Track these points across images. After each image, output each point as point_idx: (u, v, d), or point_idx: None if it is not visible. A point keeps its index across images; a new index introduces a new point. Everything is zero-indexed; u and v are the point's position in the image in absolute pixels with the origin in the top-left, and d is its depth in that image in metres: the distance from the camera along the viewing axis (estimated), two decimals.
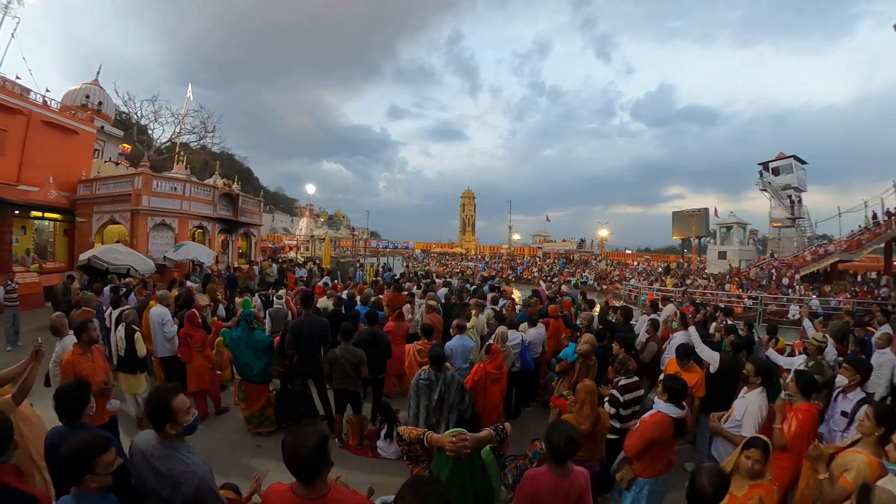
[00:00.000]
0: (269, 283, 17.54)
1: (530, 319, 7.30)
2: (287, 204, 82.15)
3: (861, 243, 26.88)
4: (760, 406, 3.95)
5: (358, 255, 37.48)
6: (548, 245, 57.55)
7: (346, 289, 11.62)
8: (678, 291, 24.50)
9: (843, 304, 20.82)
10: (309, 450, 2.15)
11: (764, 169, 37.35)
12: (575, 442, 2.81)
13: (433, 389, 4.62)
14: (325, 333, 6.31)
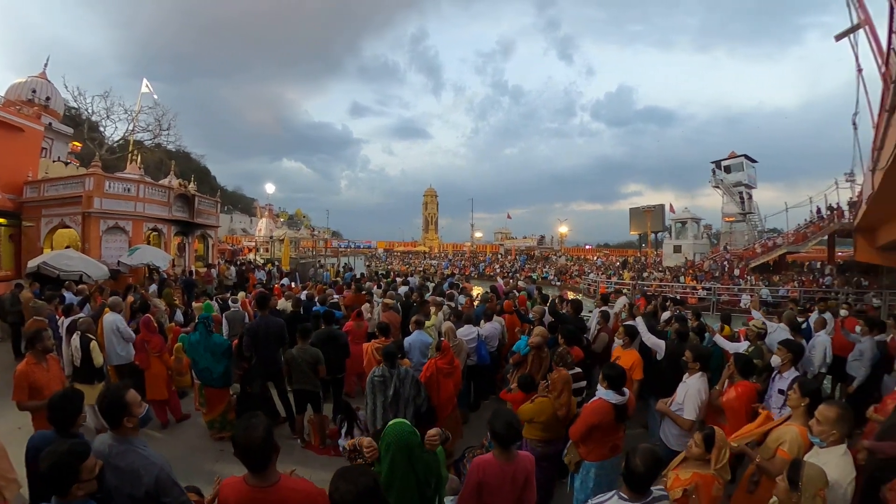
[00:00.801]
0: (227, 287, 17.12)
1: (486, 315, 7.50)
2: (246, 204, 79.98)
3: (807, 236, 28.72)
4: (700, 389, 4.17)
5: (319, 256, 37.14)
6: (509, 242, 58.26)
7: (305, 290, 11.61)
8: (634, 284, 25.56)
9: (790, 292, 22.30)
10: (259, 439, 2.28)
11: (717, 167, 39.32)
12: (514, 428, 3.02)
13: (388, 386, 4.73)
14: (282, 334, 6.34)
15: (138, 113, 31.52)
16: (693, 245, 38.33)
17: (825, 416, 2.86)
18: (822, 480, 2.39)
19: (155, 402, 6.32)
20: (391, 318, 7.58)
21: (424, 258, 54.58)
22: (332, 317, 6.81)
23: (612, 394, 3.89)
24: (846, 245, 27.36)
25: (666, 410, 4.35)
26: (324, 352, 5.91)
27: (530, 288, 12.45)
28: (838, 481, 2.62)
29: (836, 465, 2.70)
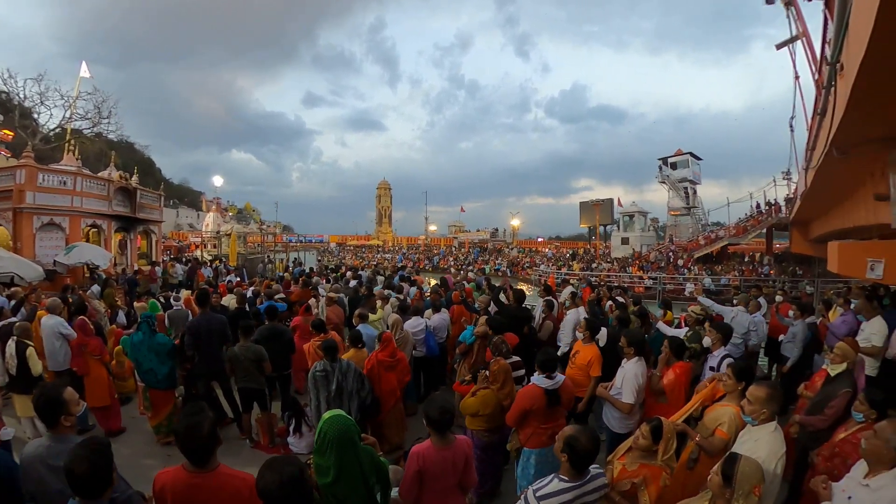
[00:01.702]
0: (172, 286, 16.40)
1: (434, 306, 7.56)
2: (193, 197, 77.22)
3: (747, 229, 30.82)
4: (636, 374, 4.26)
5: (269, 251, 36.19)
6: (463, 235, 58.73)
7: (252, 286, 11.30)
8: (583, 275, 26.52)
9: (731, 281, 24.07)
10: (204, 434, 2.33)
11: (663, 164, 41.34)
12: (448, 412, 3.05)
13: (330, 380, 4.70)
14: (224, 331, 6.17)
15: (76, 99, 28.50)
16: (640, 237, 39.96)
17: (755, 396, 2.97)
18: (757, 477, 2.34)
19: (97, 409, 6.02)
20: (335, 313, 7.51)
21: (378, 252, 54.03)
22: (276, 312, 6.68)
23: (543, 378, 3.99)
24: (783, 237, 28.97)
25: (605, 395, 4.46)
26: (268, 349, 5.77)
27: (479, 279, 12.69)
28: (769, 457, 2.74)
29: (767, 442, 2.83)
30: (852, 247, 6.55)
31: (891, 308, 6.97)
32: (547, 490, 2.55)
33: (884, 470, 2.47)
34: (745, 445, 2.91)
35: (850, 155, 5.50)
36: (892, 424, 2.55)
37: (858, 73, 3.19)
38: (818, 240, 17.46)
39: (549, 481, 2.60)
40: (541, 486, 2.60)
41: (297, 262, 23.48)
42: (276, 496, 2.04)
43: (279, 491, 2.03)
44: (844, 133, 4.88)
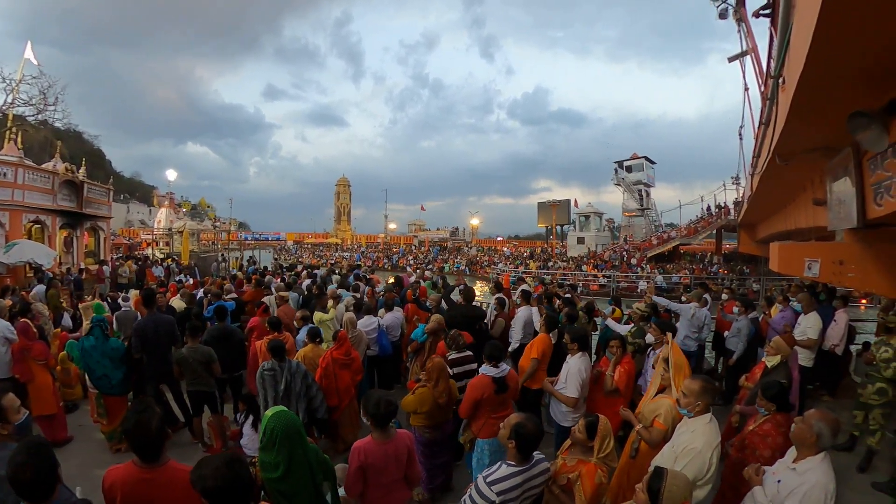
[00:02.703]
0: (122, 285, 15.75)
1: (387, 305, 7.54)
2: (145, 192, 73.75)
3: (697, 230, 32.48)
4: (580, 368, 4.39)
5: (224, 249, 35.11)
6: (423, 234, 58.73)
7: (204, 286, 10.97)
8: (538, 273, 27.50)
9: (682, 279, 25.09)
10: (154, 430, 2.36)
11: (619, 167, 42.92)
12: (387, 406, 3.07)
13: (278, 380, 4.67)
14: (172, 332, 5.99)
15: (19, 82, 26.69)
16: (596, 237, 41.11)
17: (690, 389, 3.07)
18: (685, 493, 2.28)
19: (42, 418, 5.67)
20: (286, 313, 7.39)
21: (336, 250, 53.39)
22: (225, 312, 6.52)
23: (490, 367, 4.19)
24: (732, 238, 30.52)
25: (550, 389, 4.59)
26: (218, 350, 5.61)
27: (436, 278, 12.75)
28: (705, 447, 2.85)
29: (703, 433, 2.93)
30: (791, 248, 6.91)
31: (826, 304, 7.41)
32: (497, 475, 2.66)
33: (810, 455, 2.63)
34: (683, 437, 3.02)
35: (791, 162, 5.80)
36: (818, 412, 2.72)
37: (797, 86, 3.37)
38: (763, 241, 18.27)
39: (498, 468, 2.72)
40: (490, 472, 2.70)
41: (251, 261, 22.91)
42: (212, 492, 2.00)
43: (215, 487, 1.99)
44: (786, 142, 5.15)
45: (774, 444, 3.43)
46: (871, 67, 3.01)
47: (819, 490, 2.49)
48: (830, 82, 3.28)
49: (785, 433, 3.40)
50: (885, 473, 4.96)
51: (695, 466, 2.81)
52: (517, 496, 2.67)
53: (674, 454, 2.93)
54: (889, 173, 3.79)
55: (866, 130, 3.21)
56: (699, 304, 7.12)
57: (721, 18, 14.46)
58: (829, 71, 3.07)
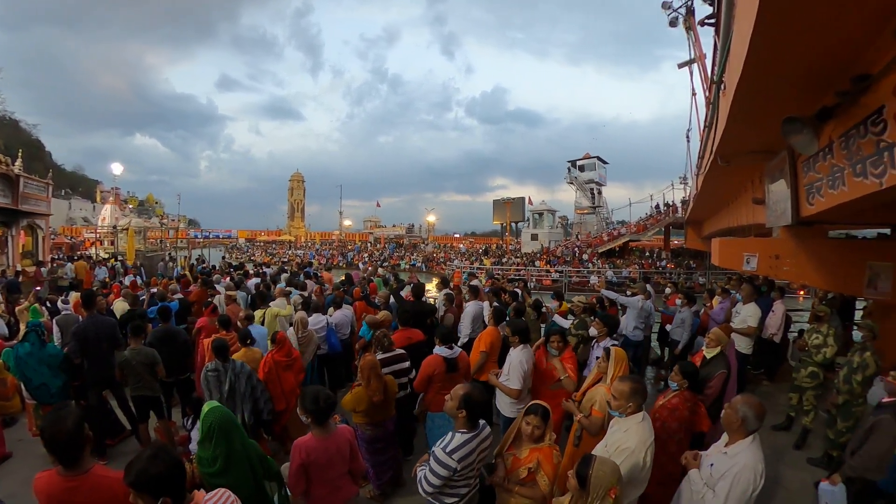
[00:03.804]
0: (62, 288, 14.85)
1: (335, 302, 7.47)
2: (88, 187, 69.98)
3: (647, 227, 33.75)
4: (521, 361, 4.44)
5: (173, 247, 33.93)
6: (379, 230, 58.35)
7: (149, 286, 10.60)
8: (492, 269, 27.96)
9: (631, 273, 26.03)
10: (68, 430, 2.26)
11: (572, 166, 44.11)
12: (325, 398, 3.08)
13: (222, 381, 4.60)
14: (114, 335, 5.68)
15: None
16: (549, 234, 41.99)
17: (620, 391, 3.10)
18: (613, 479, 2.35)
19: None
20: (234, 312, 7.21)
21: (290, 248, 52.33)
22: (169, 313, 6.29)
23: (444, 349, 4.65)
24: (679, 235, 31.55)
25: (495, 382, 4.64)
26: (162, 352, 5.43)
27: (387, 275, 12.79)
28: (639, 446, 2.91)
29: (635, 432, 2.98)
30: (731, 243, 7.29)
31: (766, 295, 7.87)
32: (454, 444, 2.83)
33: (740, 438, 2.76)
34: (616, 435, 3.08)
35: (732, 163, 6.11)
36: (743, 398, 2.85)
37: (736, 91, 3.54)
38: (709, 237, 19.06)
39: (452, 437, 2.88)
40: (446, 443, 2.86)
41: (199, 260, 22.17)
42: (144, 483, 1.98)
43: (146, 478, 1.99)
44: (727, 144, 5.42)
45: (681, 417, 3.73)
46: (805, 76, 3.19)
47: (748, 471, 2.61)
48: (767, 88, 3.46)
49: (691, 408, 3.80)
50: (819, 449, 5.34)
51: (628, 465, 2.86)
52: (473, 460, 2.88)
53: (607, 453, 2.94)
54: (820, 175, 4.06)
55: (799, 135, 3.39)
56: (644, 297, 7.44)
57: (671, 26, 15.04)
58: (766, 77, 3.24)
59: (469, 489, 2.99)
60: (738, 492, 2.59)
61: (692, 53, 14.31)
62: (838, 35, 2.63)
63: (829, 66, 3.02)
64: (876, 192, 2.98)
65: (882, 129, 2.75)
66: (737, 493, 2.59)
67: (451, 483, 2.87)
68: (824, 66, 3.05)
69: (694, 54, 14.01)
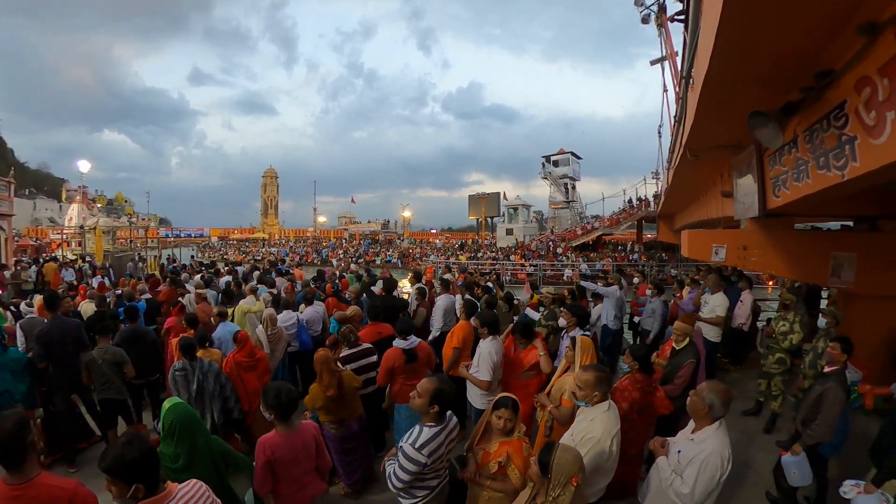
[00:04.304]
0: (26, 291, 13.99)
1: (306, 299, 7.43)
2: (54, 186, 67.91)
3: (619, 221, 34.25)
4: (490, 352, 4.44)
5: (144, 247, 33.01)
6: (354, 226, 57.93)
7: (118, 287, 10.30)
8: (470, 264, 28.23)
9: (605, 266, 26.28)
10: (7, 433, 2.16)
11: (546, 161, 44.44)
12: (287, 393, 3.04)
13: (190, 380, 4.52)
14: (80, 337, 5.49)
15: None
16: (524, 228, 42.26)
17: (584, 381, 3.10)
18: (575, 467, 2.36)
19: None
20: (204, 310, 7.10)
21: (264, 245, 51.52)
22: (136, 313, 6.14)
23: (400, 340, 4.69)
24: (652, 229, 32.30)
25: (465, 374, 4.66)
26: (130, 352, 5.28)
27: (360, 271, 12.85)
28: (604, 435, 2.93)
29: (601, 421, 2.99)
30: (700, 235, 7.46)
31: (735, 286, 8.07)
32: (423, 439, 2.79)
33: (706, 425, 2.80)
34: (581, 424, 3.10)
35: (701, 157, 6.23)
36: (708, 385, 2.88)
37: (703, 86, 3.62)
38: (680, 230, 19.50)
39: (420, 431, 2.84)
40: (415, 437, 2.82)
41: (170, 259, 21.68)
42: (120, 470, 2.00)
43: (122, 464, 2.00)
44: (695, 138, 5.53)
45: (631, 397, 3.89)
46: (770, 72, 3.26)
47: (715, 456, 2.64)
48: (733, 83, 3.53)
49: (642, 390, 3.95)
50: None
51: (594, 454, 2.88)
52: (442, 453, 2.87)
53: (573, 442, 2.95)
54: (786, 168, 4.18)
55: (765, 128, 3.47)
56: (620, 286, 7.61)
57: (644, 23, 15.28)
58: (731, 72, 3.30)
59: (439, 481, 2.98)
60: (706, 477, 2.63)
61: (664, 51, 14.54)
62: (802, 32, 2.69)
63: (794, 62, 3.10)
64: (838, 185, 3.08)
65: (844, 123, 2.83)
66: (704, 478, 2.63)
67: (422, 476, 2.85)
68: (789, 63, 3.12)
69: (665, 51, 14.24)
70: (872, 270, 5.59)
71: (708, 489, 2.64)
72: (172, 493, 2.17)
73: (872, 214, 5.89)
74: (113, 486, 2.02)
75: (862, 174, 2.72)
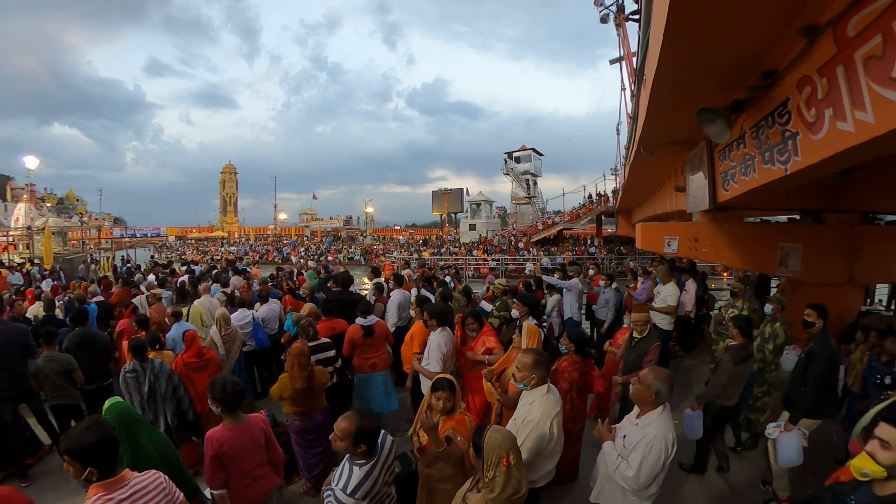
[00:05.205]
0: None
1: (261, 297, 7.33)
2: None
3: (579, 216, 34.88)
4: (440, 343, 4.50)
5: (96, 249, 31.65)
6: (315, 223, 57.03)
7: (67, 290, 9.95)
8: (433, 259, 28.29)
9: (565, 260, 26.82)
10: None
11: (508, 157, 44.72)
12: (233, 385, 3.01)
13: (142, 382, 4.38)
14: (26, 343, 5.19)
15: None
16: (486, 223, 42.52)
17: (523, 363, 3.12)
18: (505, 447, 2.34)
19: None
20: (158, 311, 6.92)
21: (223, 245, 50.10)
22: (85, 315, 5.88)
23: (361, 318, 5.28)
24: (611, 223, 33.08)
25: (417, 367, 4.72)
26: (81, 357, 5.09)
27: (318, 268, 12.75)
28: (543, 418, 2.96)
29: (540, 404, 3.02)
30: (653, 227, 7.69)
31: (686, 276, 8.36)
32: (354, 481, 2.45)
33: (650, 410, 2.84)
34: (522, 409, 3.14)
35: (656, 153, 6.42)
36: (651, 372, 2.90)
37: (654, 83, 3.70)
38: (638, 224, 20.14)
39: (350, 473, 2.48)
40: (345, 480, 2.47)
41: (125, 260, 20.86)
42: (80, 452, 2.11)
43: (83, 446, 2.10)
44: (648, 134, 5.67)
45: (570, 378, 4.07)
46: (718, 71, 3.37)
47: (660, 440, 2.68)
48: (682, 81, 3.63)
49: (580, 370, 4.14)
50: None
51: (534, 437, 2.92)
52: (379, 485, 2.56)
53: (515, 427, 3.01)
54: (734, 163, 4.33)
55: (712, 124, 3.61)
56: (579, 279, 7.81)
57: (602, 23, 15.60)
58: (680, 71, 3.40)
59: (390, 499, 2.75)
60: (651, 461, 2.67)
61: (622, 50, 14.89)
62: (748, 33, 2.79)
63: (741, 62, 3.21)
64: (782, 178, 3.22)
65: (787, 119, 2.96)
66: (650, 461, 2.67)
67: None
68: (736, 63, 3.23)
69: (623, 51, 14.57)
70: (817, 260, 5.85)
71: (653, 472, 2.68)
72: (126, 479, 2.20)
73: (817, 208, 6.14)
74: (70, 467, 2.12)
75: (803, 168, 2.84)
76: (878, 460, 1.86)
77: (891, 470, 1.84)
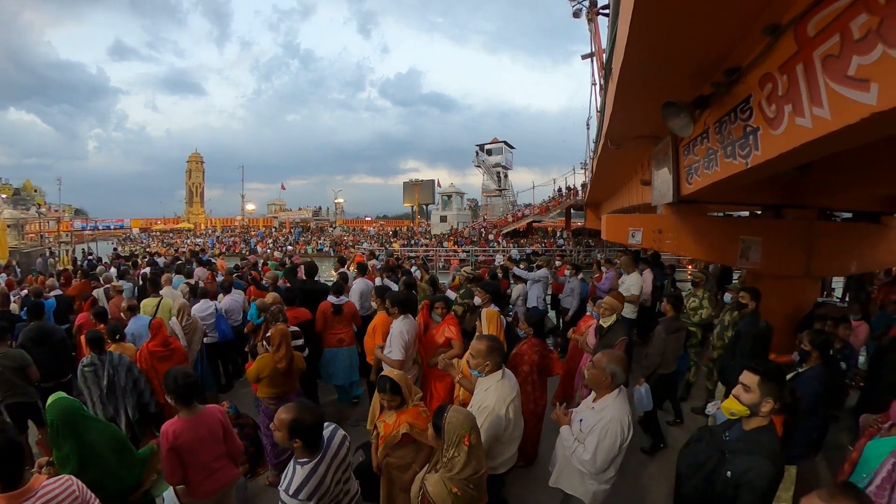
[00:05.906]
0: None
1: (223, 287, 7.25)
2: None
3: (549, 208, 35.45)
4: (402, 331, 4.45)
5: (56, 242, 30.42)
6: (283, 214, 56.05)
7: (23, 284, 9.67)
8: (403, 251, 28.75)
9: (535, 250, 27.00)
10: None
11: (480, 150, 44.97)
12: (185, 377, 2.95)
13: (100, 376, 4.28)
14: None
15: None
16: (457, 215, 42.60)
17: (477, 349, 3.16)
18: (465, 427, 2.42)
19: None
20: (118, 304, 6.63)
21: (189, 236, 48.76)
22: (41, 310, 5.68)
23: (333, 297, 5.86)
24: (580, 216, 33.62)
25: (379, 355, 4.65)
26: (37, 353, 4.91)
27: (284, 258, 12.86)
28: (498, 403, 3.00)
29: (494, 390, 3.06)
30: (618, 219, 7.80)
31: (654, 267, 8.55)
32: (297, 482, 2.28)
33: (606, 393, 2.88)
34: (478, 396, 3.17)
35: (623, 147, 6.52)
36: (606, 355, 2.96)
37: (620, 76, 3.77)
38: None
39: (293, 473, 2.31)
40: (288, 481, 2.30)
41: (86, 253, 20.18)
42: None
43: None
44: (615, 127, 5.75)
45: (530, 360, 4.18)
46: (683, 66, 3.44)
47: (616, 423, 2.73)
48: (648, 75, 3.71)
49: (539, 353, 4.25)
50: (702, 399, 5.93)
51: (490, 422, 2.95)
52: (329, 483, 2.38)
53: None
54: (698, 157, 4.44)
55: (676, 118, 3.68)
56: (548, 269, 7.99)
57: (575, 17, 15.73)
58: (645, 65, 3.47)
59: (350, 496, 2.62)
60: (607, 444, 2.71)
61: (593, 46, 15.10)
62: (713, 30, 2.85)
63: (706, 58, 3.27)
64: (743, 172, 3.31)
65: (749, 115, 3.04)
66: (605, 445, 2.71)
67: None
68: (701, 59, 3.29)
69: (594, 47, 14.77)
70: (777, 253, 6.03)
71: (609, 455, 2.72)
72: (33, 489, 2.07)
73: (777, 203, 6.34)
74: None
75: (763, 162, 2.92)
76: (742, 401, 2.30)
77: (752, 408, 2.28)
